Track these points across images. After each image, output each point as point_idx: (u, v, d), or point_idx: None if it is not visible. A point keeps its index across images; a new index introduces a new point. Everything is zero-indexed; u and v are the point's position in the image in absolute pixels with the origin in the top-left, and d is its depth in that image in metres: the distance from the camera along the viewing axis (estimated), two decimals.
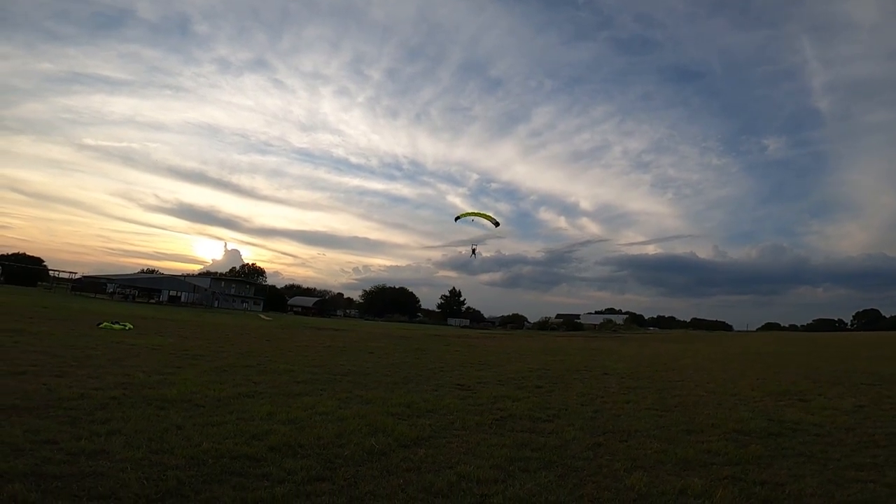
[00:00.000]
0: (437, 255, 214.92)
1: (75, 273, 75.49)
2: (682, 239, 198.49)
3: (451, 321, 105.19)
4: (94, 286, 68.61)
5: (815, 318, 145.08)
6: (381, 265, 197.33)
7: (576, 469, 4.81)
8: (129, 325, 19.20)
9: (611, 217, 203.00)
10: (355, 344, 20.99)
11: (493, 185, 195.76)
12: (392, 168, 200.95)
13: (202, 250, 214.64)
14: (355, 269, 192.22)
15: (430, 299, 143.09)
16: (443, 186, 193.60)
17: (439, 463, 4.69)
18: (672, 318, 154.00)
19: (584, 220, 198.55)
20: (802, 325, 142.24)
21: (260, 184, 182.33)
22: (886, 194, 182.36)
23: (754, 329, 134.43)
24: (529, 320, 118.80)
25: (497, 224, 20.18)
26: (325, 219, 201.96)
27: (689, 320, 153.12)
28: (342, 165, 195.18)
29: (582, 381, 12.19)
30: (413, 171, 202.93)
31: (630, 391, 10.46)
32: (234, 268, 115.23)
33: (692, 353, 25.84)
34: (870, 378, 13.63)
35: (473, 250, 21.54)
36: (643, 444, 5.81)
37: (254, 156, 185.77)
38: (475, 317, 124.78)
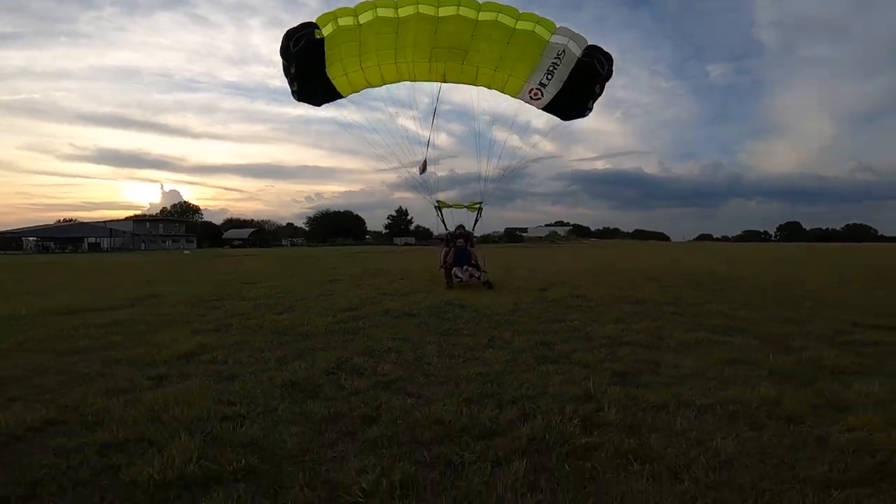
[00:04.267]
0: (391, 177, 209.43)
1: None
2: (630, 155, 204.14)
3: (397, 240, 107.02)
4: (5, 242, 64.33)
5: (744, 230, 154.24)
6: (334, 192, 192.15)
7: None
8: None
9: (562, 134, 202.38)
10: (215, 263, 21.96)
11: (445, 107, 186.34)
12: None
13: (136, 195, 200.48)
14: (307, 198, 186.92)
15: (382, 221, 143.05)
16: (393, 110, 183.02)
17: None
18: (616, 230, 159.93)
19: (537, 138, 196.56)
20: (733, 237, 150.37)
21: (191, 121, 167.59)
22: (816, 120, 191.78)
23: (690, 240, 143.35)
24: (478, 235, 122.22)
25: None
26: (269, 150, 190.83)
27: (632, 232, 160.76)
28: (282, 96, 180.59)
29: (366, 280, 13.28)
30: (361, 96, 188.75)
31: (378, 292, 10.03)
32: (165, 208, 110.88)
33: (576, 259, 27.07)
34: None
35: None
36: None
37: (179, 94, 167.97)
38: (423, 235, 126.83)
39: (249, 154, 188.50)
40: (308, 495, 2.19)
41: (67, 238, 68.66)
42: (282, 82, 8.00)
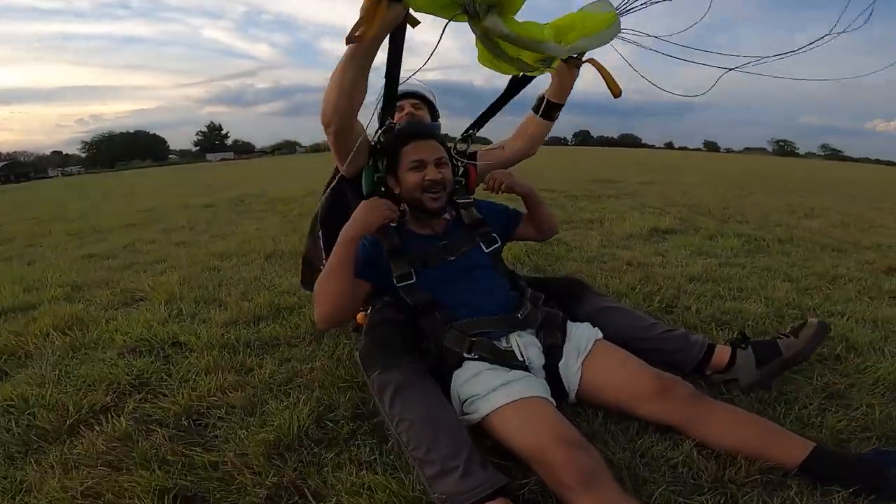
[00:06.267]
0: (198, 91, 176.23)
1: None
2: (460, 69, 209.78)
3: (211, 157, 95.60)
4: None
5: (549, 137, 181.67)
6: (118, 112, 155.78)
7: None
8: None
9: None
10: None
11: (265, 17, 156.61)
12: (115, 7, 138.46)
13: None
14: (80, 122, 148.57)
15: (190, 138, 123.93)
16: (196, 21, 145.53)
17: None
18: (445, 135, 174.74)
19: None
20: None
21: None
22: (612, 46, 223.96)
23: None
24: (304, 145, 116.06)
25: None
26: (10, 73, 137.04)
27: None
28: (28, 12, 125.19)
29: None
30: (148, 7, 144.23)
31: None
32: None
33: None
34: None
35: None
36: None
37: None
38: (244, 149, 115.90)
39: None
40: None
41: None
42: None
